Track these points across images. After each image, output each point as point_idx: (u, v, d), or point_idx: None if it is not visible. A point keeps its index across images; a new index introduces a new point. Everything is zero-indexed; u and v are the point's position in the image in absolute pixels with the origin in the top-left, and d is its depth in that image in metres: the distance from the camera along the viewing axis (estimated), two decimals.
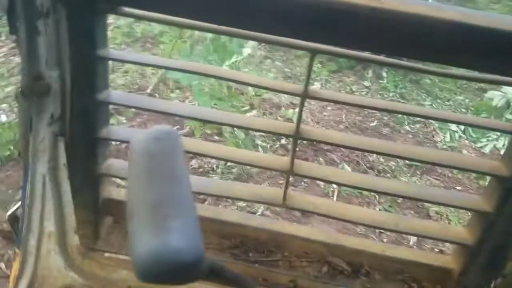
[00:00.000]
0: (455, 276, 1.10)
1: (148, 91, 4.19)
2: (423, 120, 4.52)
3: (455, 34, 0.82)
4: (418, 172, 3.86)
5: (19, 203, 1.05)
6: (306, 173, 1.04)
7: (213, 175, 3.44)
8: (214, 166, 3.52)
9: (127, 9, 0.94)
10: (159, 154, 0.35)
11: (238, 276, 0.46)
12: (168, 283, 0.32)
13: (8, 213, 1.03)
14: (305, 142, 4.04)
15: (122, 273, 1.04)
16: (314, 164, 1.38)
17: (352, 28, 0.86)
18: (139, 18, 0.95)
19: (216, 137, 3.85)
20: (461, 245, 1.09)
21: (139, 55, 1.06)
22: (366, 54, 0.98)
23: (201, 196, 2.94)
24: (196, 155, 1.09)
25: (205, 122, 1.04)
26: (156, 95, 4.15)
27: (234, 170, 3.51)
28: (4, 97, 3.77)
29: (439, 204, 1.02)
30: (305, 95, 0.97)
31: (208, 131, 3.86)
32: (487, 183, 1.05)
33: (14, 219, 1.02)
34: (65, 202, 0.98)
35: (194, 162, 3.58)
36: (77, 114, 0.97)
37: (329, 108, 4.62)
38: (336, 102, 0.99)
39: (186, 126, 3.93)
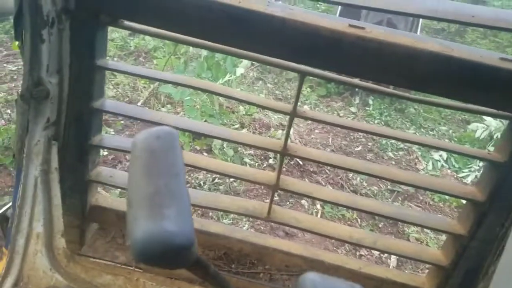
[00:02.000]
0: None
1: (139, 104, 4.22)
2: (406, 147, 4.62)
3: (436, 64, 0.89)
4: (400, 198, 3.93)
5: (9, 204, 1.07)
6: (291, 188, 1.09)
7: (201, 190, 3.45)
8: (201, 182, 3.54)
9: (128, 23, 0.99)
10: (159, 151, 0.39)
11: (220, 275, 0.50)
12: (161, 266, 0.35)
13: None
14: (292, 162, 4.10)
15: (106, 278, 1.06)
16: (299, 180, 1.42)
17: (338, 54, 0.92)
18: (139, 32, 1.00)
19: (205, 154, 3.88)
20: (436, 266, 1.13)
21: (137, 67, 1.10)
22: (352, 79, 1.04)
23: None
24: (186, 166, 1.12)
25: (196, 134, 1.08)
26: (147, 108, 4.18)
27: (221, 187, 3.53)
28: None
29: (415, 224, 1.06)
30: (294, 114, 1.02)
31: (198, 147, 3.88)
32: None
33: (3, 220, 1.04)
34: (54, 205, 1.00)
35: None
36: (72, 120, 1.00)
37: (316, 131, 4.69)
38: (322, 122, 1.04)
39: None
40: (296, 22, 0.89)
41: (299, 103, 1.02)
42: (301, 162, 4.01)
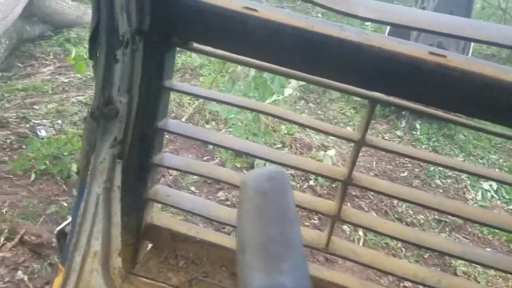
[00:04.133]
0: None
1: (183, 119, 4.27)
2: (455, 175, 4.43)
3: None
4: (447, 229, 3.76)
5: (68, 221, 1.07)
6: (353, 220, 1.04)
7: None
8: None
9: (197, 45, 0.98)
10: (271, 193, 0.36)
11: None
12: None
13: (58, 228, 1.05)
14: (334, 185, 4.01)
15: None
16: (361, 211, 1.36)
17: (416, 82, 0.87)
18: (207, 54, 0.99)
19: (245, 171, 3.86)
20: None
21: (202, 89, 1.09)
22: (423, 107, 0.99)
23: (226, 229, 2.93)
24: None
25: (256, 157, 1.06)
26: (191, 124, 4.23)
27: None
28: (46, 113, 3.90)
29: (490, 267, 0.99)
30: (362, 143, 0.98)
31: (238, 164, 3.88)
32: None
33: (61, 236, 1.04)
34: (114, 224, 1.00)
35: (220, 194, 3.59)
36: (137, 138, 1.00)
37: (360, 153, 4.59)
38: (392, 152, 0.99)
39: (216, 157, 3.97)
40: (373, 47, 0.85)
41: (367, 132, 0.98)
42: None
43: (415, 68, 0.85)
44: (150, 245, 1.27)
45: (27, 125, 3.77)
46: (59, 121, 3.84)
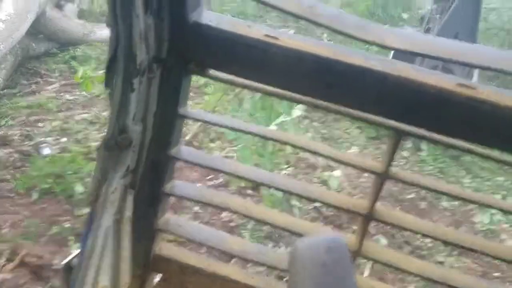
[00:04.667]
0: None
1: (187, 138, 4.24)
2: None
3: None
4: (455, 253, 3.68)
5: (73, 254, 1.02)
6: (376, 257, 0.99)
7: (244, 231, 3.37)
8: (246, 221, 3.46)
9: (214, 72, 0.95)
10: (331, 266, 0.32)
11: None
12: None
13: (63, 262, 1.00)
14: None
15: None
16: (385, 248, 1.32)
17: (444, 114, 0.84)
18: (225, 82, 0.96)
19: (250, 191, 3.81)
20: None
21: (217, 116, 1.06)
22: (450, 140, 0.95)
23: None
24: (248, 218, 1.06)
25: (278, 190, 1.02)
26: (195, 143, 4.19)
27: (264, 228, 3.44)
28: (50, 131, 3.87)
29: None
30: (385, 176, 0.94)
31: (243, 184, 3.82)
32: None
33: (68, 270, 0.99)
34: (123, 257, 0.95)
35: (224, 215, 3.53)
36: (149, 167, 0.96)
37: (365, 174, 4.54)
38: (416, 185, 0.95)
39: (221, 176, 3.92)
40: (399, 78, 0.82)
41: (392, 163, 0.93)
42: None
43: (443, 100, 0.81)
44: (158, 277, 1.22)
45: (31, 143, 3.73)
46: (64, 139, 3.81)
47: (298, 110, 3.51)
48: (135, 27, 0.78)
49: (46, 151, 3.62)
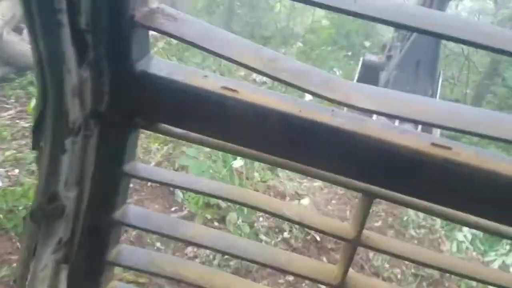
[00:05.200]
0: None
1: (151, 165, 4.07)
2: (428, 225, 4.37)
3: None
4: (424, 283, 3.65)
5: None
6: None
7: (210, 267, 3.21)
8: (211, 257, 3.31)
9: (165, 126, 0.84)
10: None
11: None
12: None
13: None
14: (308, 237, 3.86)
15: None
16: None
17: (418, 177, 0.76)
18: (177, 137, 0.84)
19: (216, 223, 3.67)
20: None
21: (170, 172, 0.93)
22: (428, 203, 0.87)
23: None
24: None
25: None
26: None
27: (231, 263, 3.29)
28: (2, 161, 3.63)
29: None
30: (357, 242, 0.84)
31: (209, 216, 3.68)
32: None
33: None
34: None
35: (189, 250, 3.37)
36: (87, 236, 0.83)
37: (333, 201, 4.49)
38: (390, 254, 0.86)
39: (185, 207, 3.76)
40: (369, 138, 0.74)
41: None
42: (318, 238, 3.77)
43: (416, 161, 0.73)
44: None
45: None
46: (16, 171, 3.57)
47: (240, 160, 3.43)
48: (67, 82, 0.66)
49: None
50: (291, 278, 3.30)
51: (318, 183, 4.66)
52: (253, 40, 0.79)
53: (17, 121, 4.35)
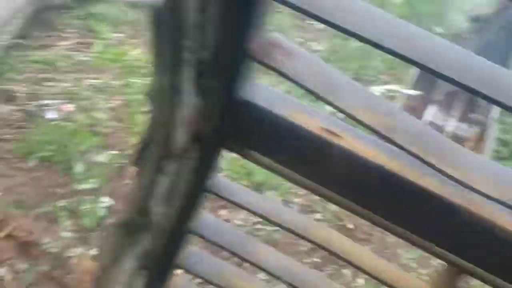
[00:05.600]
0: None
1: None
2: None
3: None
4: None
5: None
6: None
7: None
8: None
9: (254, 153, 0.82)
10: None
11: None
12: None
13: None
14: None
15: None
16: None
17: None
18: (262, 165, 0.83)
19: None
20: None
21: (252, 193, 0.93)
22: None
23: None
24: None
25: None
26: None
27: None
28: (57, 93, 3.71)
29: None
30: None
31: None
32: None
33: None
34: None
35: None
36: (168, 247, 0.85)
37: None
38: None
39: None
40: (472, 214, 0.70)
41: None
42: None
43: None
44: None
45: (36, 103, 3.58)
46: (70, 105, 3.66)
47: None
48: (180, 113, 0.65)
49: (51, 115, 3.48)
50: None
51: None
52: None
53: (75, 52, 4.39)
